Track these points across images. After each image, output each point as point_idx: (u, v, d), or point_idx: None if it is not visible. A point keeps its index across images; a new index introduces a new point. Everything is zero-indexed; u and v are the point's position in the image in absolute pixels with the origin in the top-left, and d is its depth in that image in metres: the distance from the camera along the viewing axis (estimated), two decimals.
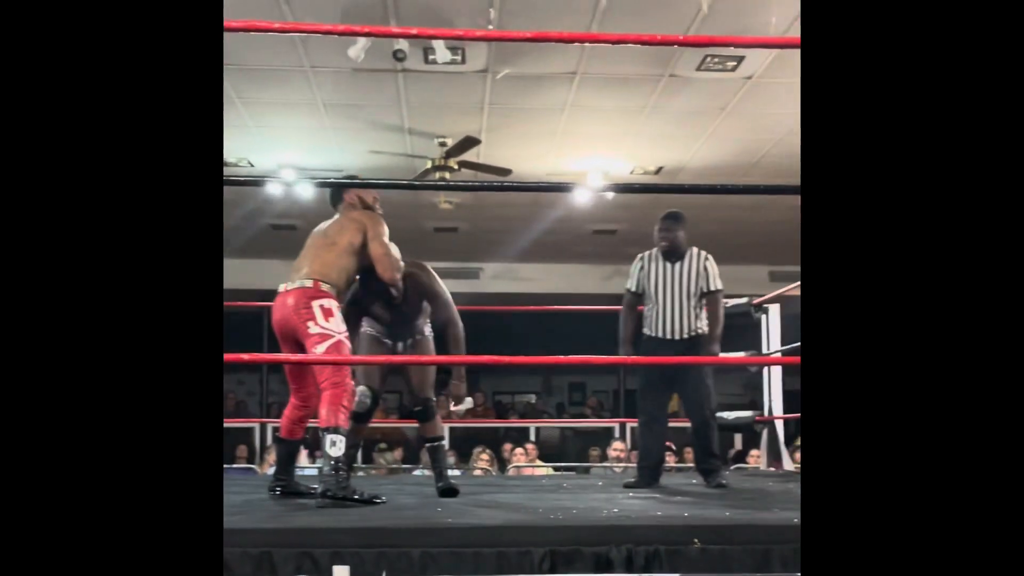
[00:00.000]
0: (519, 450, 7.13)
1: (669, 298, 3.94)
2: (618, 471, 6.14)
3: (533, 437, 8.62)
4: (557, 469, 7.00)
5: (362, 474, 6.18)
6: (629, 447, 6.72)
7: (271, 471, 3.99)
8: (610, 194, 7.82)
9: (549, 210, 8.38)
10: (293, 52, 5.31)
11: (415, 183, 5.20)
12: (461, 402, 3.50)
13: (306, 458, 6.44)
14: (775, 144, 6.63)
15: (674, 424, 5.40)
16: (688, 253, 3.98)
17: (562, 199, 7.98)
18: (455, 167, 6.76)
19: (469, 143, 6.42)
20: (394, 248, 3.34)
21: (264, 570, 2.12)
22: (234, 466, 7.14)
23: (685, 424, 4.13)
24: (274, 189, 7.52)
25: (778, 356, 4.91)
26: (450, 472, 3.90)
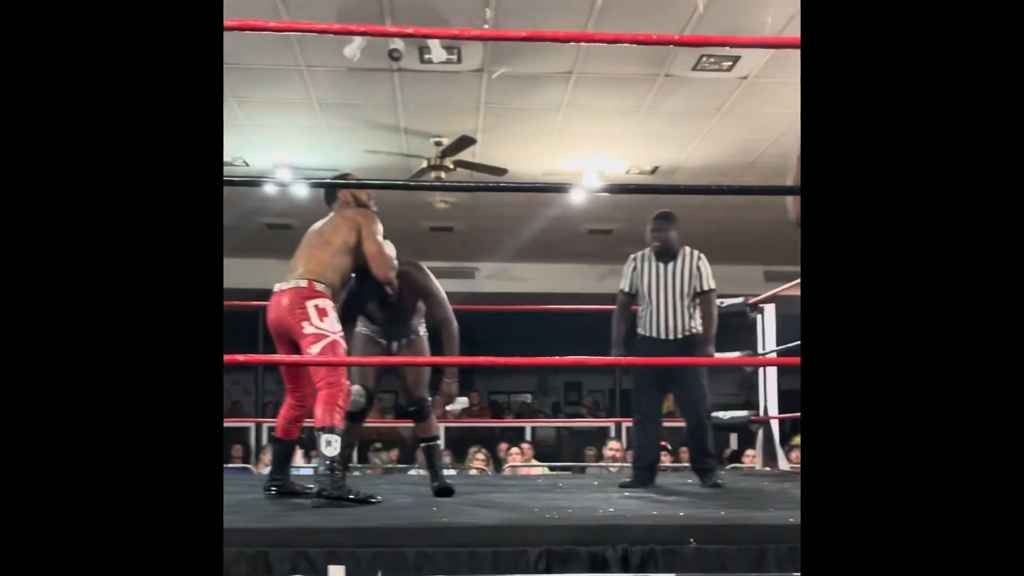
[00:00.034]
0: (515, 450, 7.13)
1: (662, 298, 3.94)
2: (614, 471, 6.14)
3: (529, 437, 8.62)
4: (553, 469, 7.00)
5: (357, 474, 6.18)
6: (625, 447, 6.73)
7: (267, 471, 3.99)
8: (605, 194, 7.82)
9: (545, 209, 8.38)
10: (289, 51, 5.31)
11: (411, 183, 5.20)
12: (453, 401, 3.49)
13: (302, 458, 6.44)
14: (771, 144, 6.64)
15: (669, 424, 5.40)
16: (681, 253, 3.99)
17: (558, 198, 7.98)
18: (451, 166, 6.76)
19: (465, 142, 6.42)
20: (389, 246, 3.33)
21: (260, 570, 2.12)
22: (230, 466, 7.14)
23: (680, 424, 4.13)
24: (270, 188, 7.52)
25: (773, 356, 4.91)
26: (446, 472, 3.90)
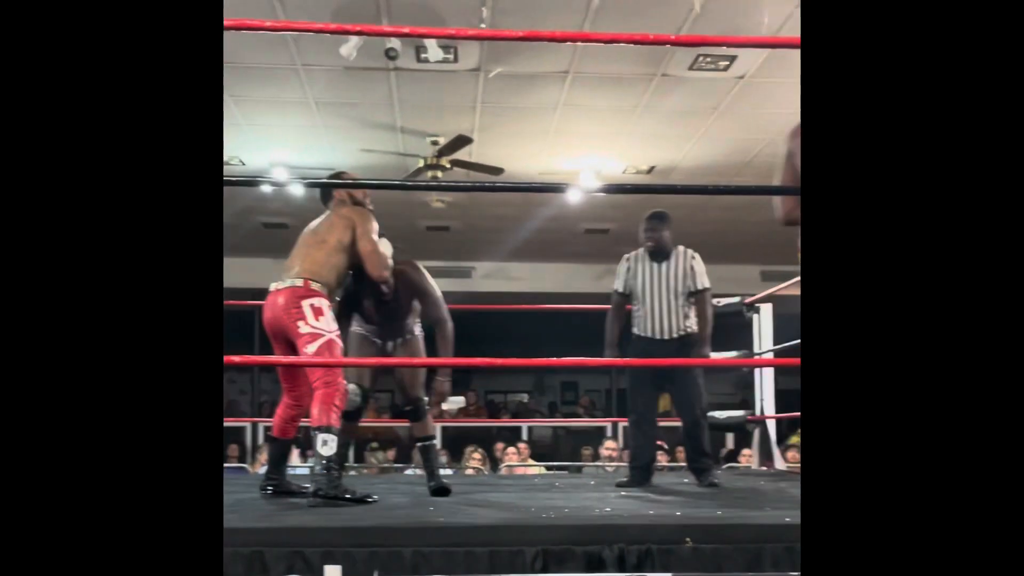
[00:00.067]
0: (511, 449, 7.13)
1: (657, 298, 3.95)
2: (610, 470, 6.15)
3: (525, 436, 8.63)
4: (549, 468, 7.00)
5: (354, 473, 6.17)
6: (621, 446, 6.74)
7: (263, 470, 3.99)
8: (602, 193, 7.82)
9: (541, 209, 8.38)
10: (285, 50, 5.30)
11: (407, 183, 5.20)
12: (445, 400, 3.50)
13: (298, 457, 6.43)
14: (767, 144, 6.65)
15: (666, 423, 5.40)
16: (674, 252, 3.99)
17: (554, 198, 7.98)
18: (447, 166, 6.75)
19: (461, 142, 6.42)
20: (386, 245, 3.33)
21: (255, 569, 2.12)
22: (226, 465, 7.13)
23: (677, 423, 4.13)
24: (266, 187, 7.51)
25: (770, 356, 4.91)
26: (442, 471, 3.89)
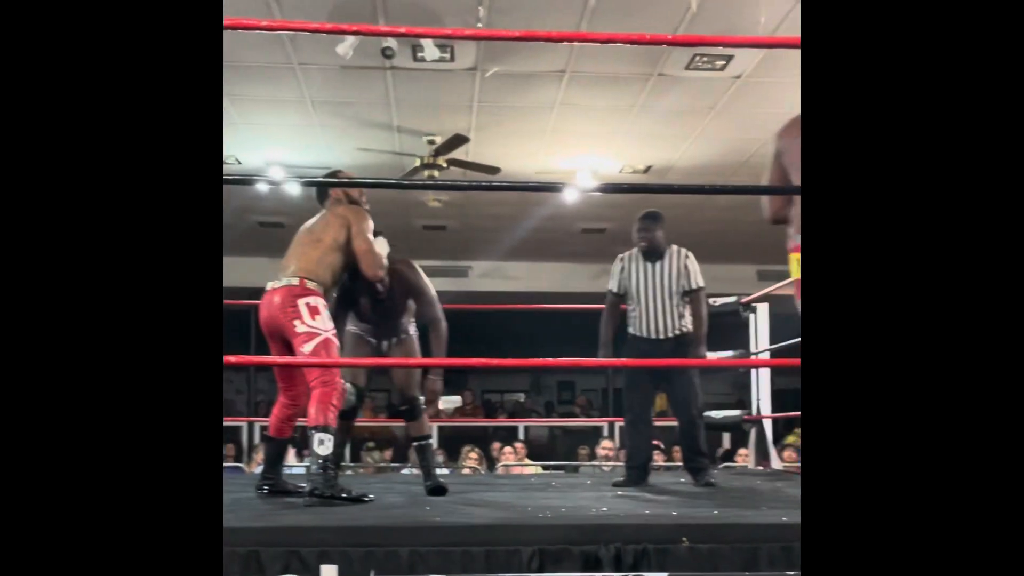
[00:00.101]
0: (508, 449, 7.13)
1: (652, 298, 3.95)
2: (607, 470, 6.14)
3: (522, 436, 8.63)
4: (546, 468, 7.00)
5: (350, 472, 6.17)
6: (618, 446, 6.73)
7: (259, 470, 3.98)
8: (599, 193, 7.82)
9: (538, 208, 8.38)
10: (281, 49, 5.29)
11: (404, 182, 5.19)
12: (437, 398, 3.51)
13: (294, 456, 6.42)
14: (763, 143, 6.63)
15: (662, 423, 5.40)
16: (668, 252, 3.99)
17: (551, 197, 7.98)
18: (444, 165, 6.75)
19: (458, 141, 6.41)
20: (382, 244, 3.33)
21: (251, 569, 2.11)
22: None
23: (673, 423, 4.13)
24: (262, 186, 7.50)
25: (766, 356, 4.91)
26: (439, 471, 3.89)
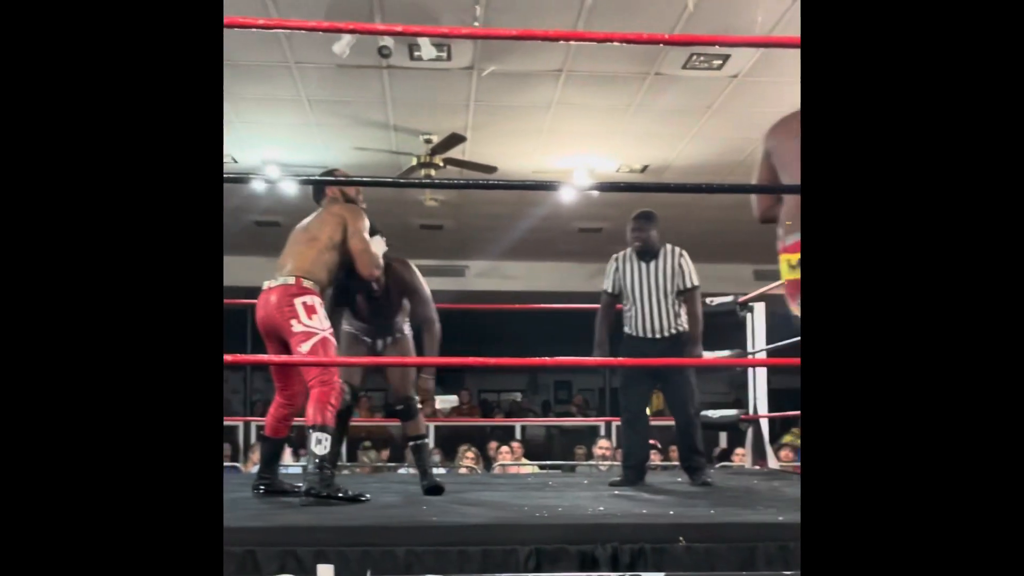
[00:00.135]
0: (505, 448, 7.12)
1: (646, 297, 3.95)
2: (603, 469, 6.14)
3: (519, 435, 8.62)
4: (543, 467, 7.00)
5: (347, 472, 6.16)
6: (614, 445, 6.73)
7: (255, 469, 3.97)
8: (596, 192, 7.82)
9: (535, 208, 8.37)
10: (278, 48, 5.28)
11: (400, 181, 5.17)
12: (429, 397, 3.51)
13: (290, 456, 6.41)
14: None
15: (659, 422, 5.40)
16: (662, 251, 3.99)
17: (548, 197, 7.97)
18: (440, 164, 6.74)
19: (454, 140, 6.41)
20: (380, 243, 3.33)
21: (247, 569, 2.10)
22: None
23: (670, 422, 4.13)
24: (258, 185, 7.49)
25: (763, 355, 4.91)
26: (435, 470, 3.88)
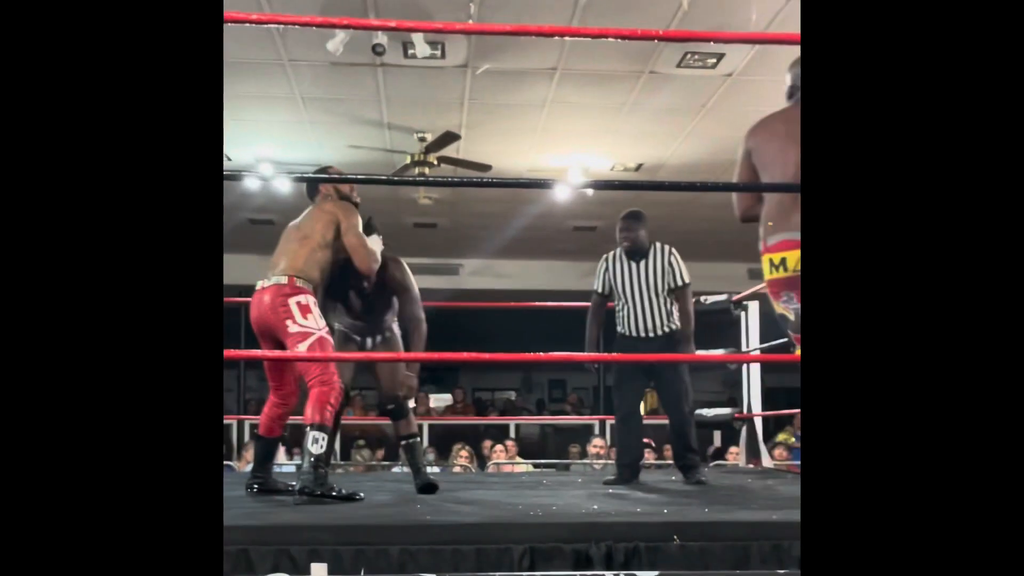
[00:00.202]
0: (499, 447, 7.12)
1: (638, 297, 3.94)
2: (598, 468, 6.15)
3: (513, 434, 8.62)
4: (537, 466, 7.00)
5: (340, 471, 6.15)
6: (609, 444, 6.73)
7: (249, 468, 3.96)
8: (590, 190, 7.82)
9: (529, 206, 8.37)
10: (271, 45, 5.27)
11: (394, 179, 5.18)
12: (413, 394, 3.52)
13: (283, 455, 6.40)
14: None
15: (653, 421, 5.39)
16: (652, 250, 3.99)
17: (542, 195, 7.97)
18: (435, 162, 6.73)
19: (449, 138, 6.40)
20: (378, 241, 3.32)
21: (241, 568, 2.10)
22: None
23: (664, 421, 4.13)
24: (252, 183, 7.47)
25: (757, 353, 4.92)
26: (429, 469, 3.88)
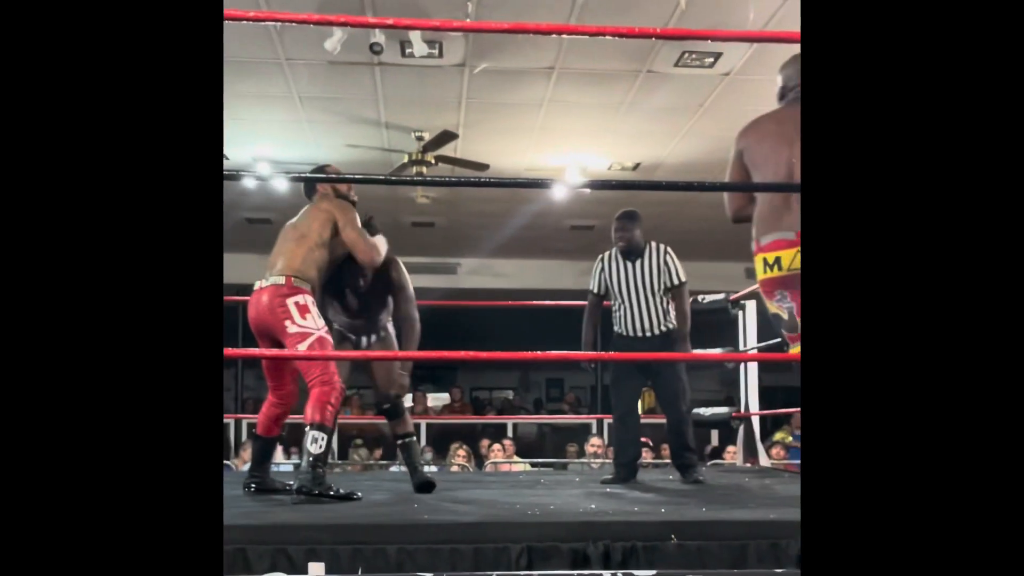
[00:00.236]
0: (496, 446, 7.12)
1: (634, 297, 3.94)
2: (595, 467, 6.15)
3: (510, 433, 8.63)
4: (534, 465, 7.00)
5: (338, 470, 6.15)
6: (606, 443, 6.74)
7: (246, 467, 3.96)
8: (588, 190, 7.82)
9: (527, 205, 8.37)
10: (269, 44, 5.26)
11: (391, 178, 5.18)
12: (404, 392, 3.52)
13: (281, 454, 6.40)
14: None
15: (650, 420, 5.40)
16: (647, 249, 3.98)
17: (540, 194, 7.97)
18: (432, 162, 6.73)
19: (446, 138, 6.40)
20: (383, 241, 3.32)
21: (239, 567, 2.09)
22: None
23: (661, 420, 4.13)
24: (249, 182, 7.47)
25: (755, 352, 4.92)
26: (427, 468, 3.88)
